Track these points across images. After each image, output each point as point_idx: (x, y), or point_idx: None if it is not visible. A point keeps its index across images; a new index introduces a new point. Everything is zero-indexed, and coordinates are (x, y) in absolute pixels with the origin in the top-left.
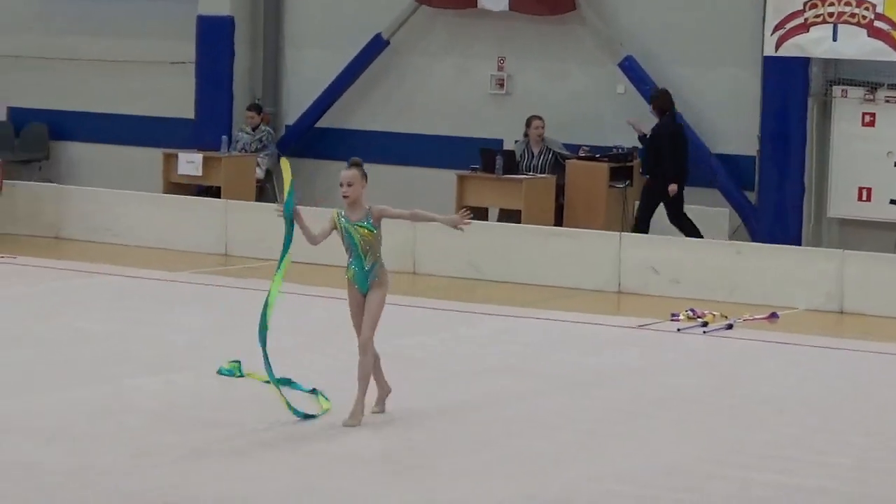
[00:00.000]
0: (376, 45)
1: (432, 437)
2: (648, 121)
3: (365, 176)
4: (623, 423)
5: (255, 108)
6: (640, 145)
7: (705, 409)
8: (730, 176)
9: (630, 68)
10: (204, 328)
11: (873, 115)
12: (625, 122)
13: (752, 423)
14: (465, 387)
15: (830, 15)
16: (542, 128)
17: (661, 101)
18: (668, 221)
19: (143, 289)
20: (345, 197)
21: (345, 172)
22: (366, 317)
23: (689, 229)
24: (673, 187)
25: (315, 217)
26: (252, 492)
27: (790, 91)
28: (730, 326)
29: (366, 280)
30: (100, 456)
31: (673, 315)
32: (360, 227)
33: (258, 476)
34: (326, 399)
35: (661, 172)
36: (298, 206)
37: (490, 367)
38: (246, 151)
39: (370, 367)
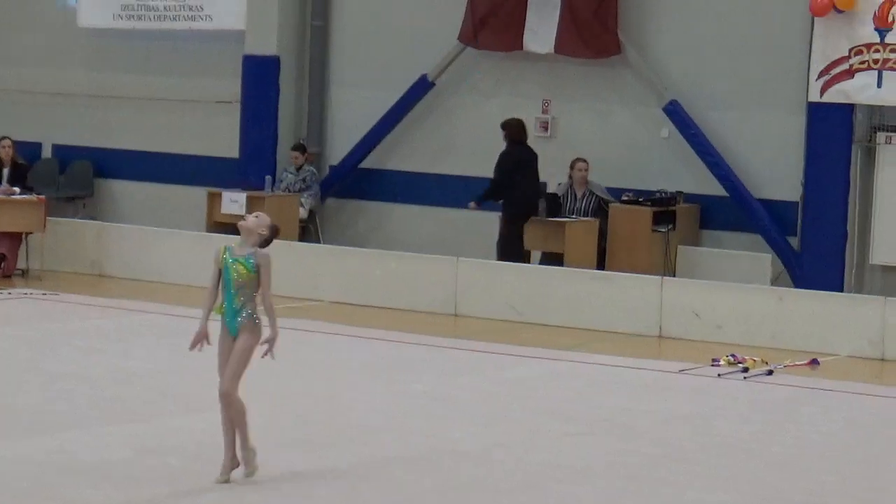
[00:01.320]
0: (422, 87)
1: (478, 477)
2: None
3: (274, 230)
4: (665, 469)
5: (300, 147)
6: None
7: (746, 455)
8: (773, 221)
9: (674, 112)
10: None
11: None
12: (667, 166)
13: (794, 471)
14: (509, 429)
15: (875, 62)
16: (586, 170)
17: (510, 130)
18: (708, 265)
19: (186, 327)
20: (243, 220)
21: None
22: (229, 364)
23: (508, 255)
24: (472, 204)
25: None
26: None
27: (834, 137)
28: (770, 372)
29: (234, 320)
30: (140, 493)
31: (714, 360)
32: (240, 262)
33: None
34: None
35: (514, 197)
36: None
37: (533, 410)
38: (290, 191)
39: (236, 418)
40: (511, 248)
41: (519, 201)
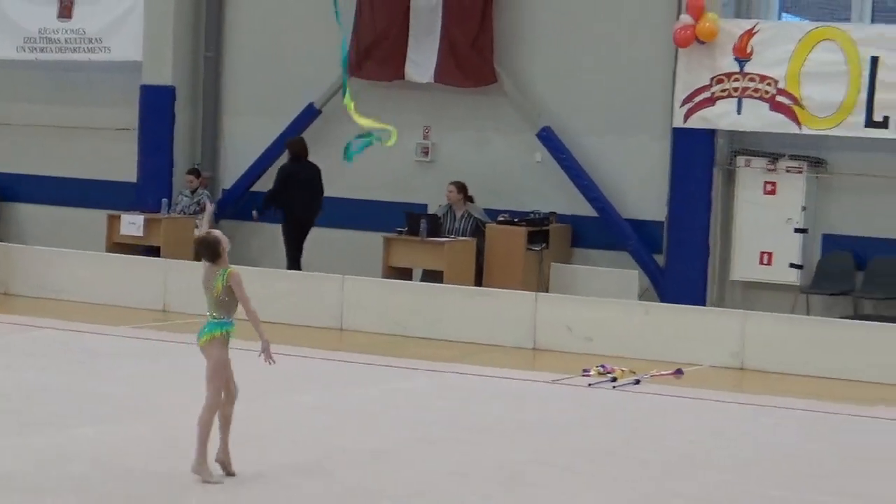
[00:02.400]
0: (309, 114)
1: (372, 481)
2: None
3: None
4: (540, 473)
5: (194, 172)
6: (554, 211)
7: (615, 460)
8: (640, 240)
9: (547, 138)
10: (143, 380)
11: (774, 183)
12: (541, 189)
13: (660, 475)
14: (394, 437)
15: (735, 90)
16: (456, 193)
17: (291, 147)
18: (579, 281)
19: (87, 343)
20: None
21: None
22: (207, 370)
23: (290, 262)
24: (255, 214)
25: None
26: None
27: (697, 160)
28: (637, 382)
29: (202, 331)
30: (44, 501)
31: (584, 371)
32: (217, 277)
33: None
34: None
35: (288, 209)
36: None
37: (417, 420)
38: (185, 214)
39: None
40: (291, 254)
41: (294, 213)
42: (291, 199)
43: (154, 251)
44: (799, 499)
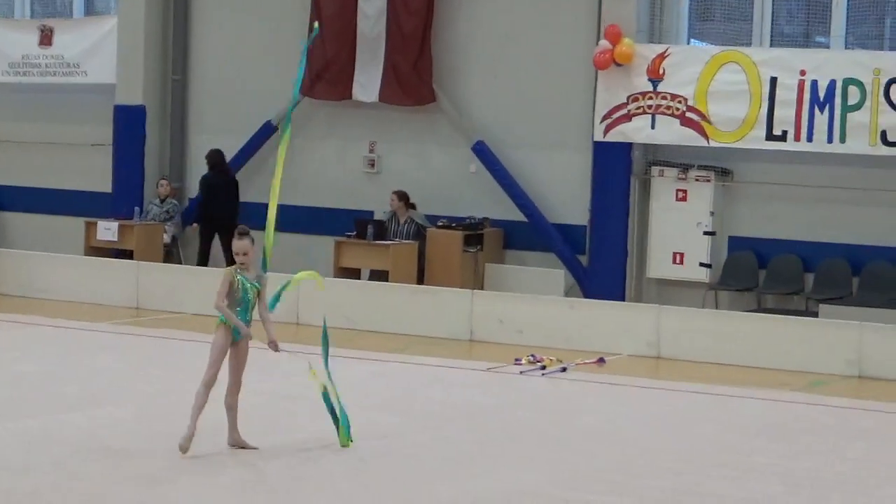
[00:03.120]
0: (266, 131)
1: (315, 466)
2: None
3: (253, 241)
4: (477, 452)
5: (166, 178)
6: (488, 216)
7: (545, 440)
8: (565, 242)
9: (481, 151)
10: (120, 369)
11: (685, 191)
12: (476, 197)
13: (585, 452)
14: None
15: (649, 107)
16: (396, 201)
17: (208, 159)
18: (511, 280)
19: (68, 337)
20: (242, 264)
21: (239, 242)
22: (242, 365)
23: (200, 258)
24: (194, 226)
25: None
26: None
27: (615, 171)
28: (564, 369)
29: (238, 332)
30: (28, 480)
31: (516, 360)
32: (253, 286)
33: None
34: (348, 437)
35: (206, 211)
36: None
37: (364, 405)
38: (155, 221)
39: (236, 405)
40: (201, 258)
41: (209, 214)
42: (208, 204)
43: (127, 254)
44: (697, 471)
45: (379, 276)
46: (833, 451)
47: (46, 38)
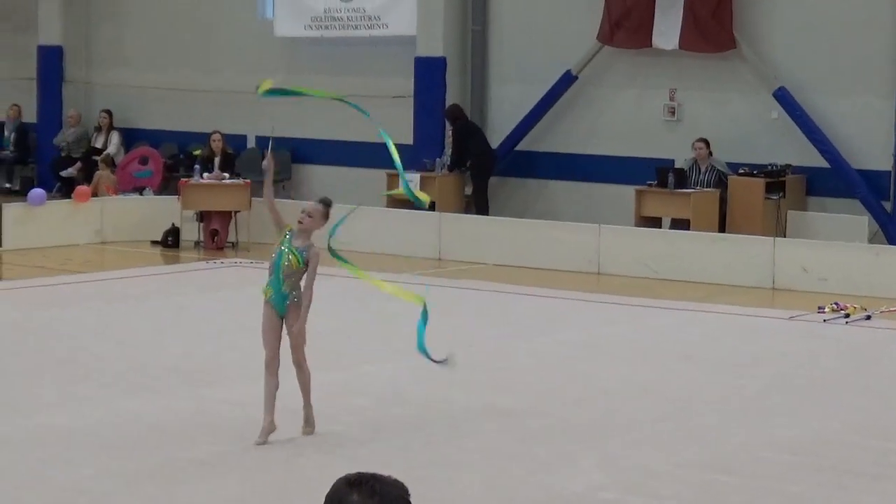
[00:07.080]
0: (567, 80)
1: (621, 409)
2: None
3: (327, 216)
4: (778, 399)
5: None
6: (790, 163)
7: (848, 388)
8: (868, 188)
9: (782, 97)
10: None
11: None
12: (776, 143)
13: (889, 401)
14: (650, 369)
15: None
16: (704, 149)
17: (449, 112)
18: (814, 227)
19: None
20: (300, 223)
21: (311, 204)
22: (294, 339)
23: (481, 208)
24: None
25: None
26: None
27: None
28: (869, 317)
29: (283, 303)
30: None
31: (819, 308)
32: (294, 253)
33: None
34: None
35: (465, 163)
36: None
37: (668, 353)
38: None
39: (308, 379)
40: (479, 201)
41: (476, 164)
42: (480, 152)
43: (430, 205)
44: None
45: (680, 224)
46: None
47: None
